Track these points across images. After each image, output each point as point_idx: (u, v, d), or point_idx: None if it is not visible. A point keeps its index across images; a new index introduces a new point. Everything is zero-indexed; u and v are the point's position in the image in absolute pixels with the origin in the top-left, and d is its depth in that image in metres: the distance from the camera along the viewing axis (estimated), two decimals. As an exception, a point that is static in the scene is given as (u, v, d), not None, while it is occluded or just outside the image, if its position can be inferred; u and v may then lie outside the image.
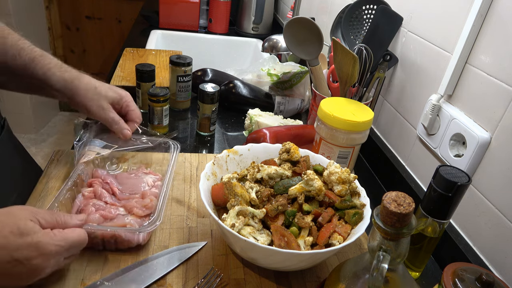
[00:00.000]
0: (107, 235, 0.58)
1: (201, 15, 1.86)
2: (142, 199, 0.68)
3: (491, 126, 0.63)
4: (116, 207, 0.65)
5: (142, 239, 0.61)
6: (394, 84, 0.93)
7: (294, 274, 0.62)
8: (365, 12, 0.97)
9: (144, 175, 0.76)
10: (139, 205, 0.65)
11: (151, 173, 0.77)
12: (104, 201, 0.66)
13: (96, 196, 0.67)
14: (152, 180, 0.74)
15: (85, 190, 0.67)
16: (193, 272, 0.60)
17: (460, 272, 0.45)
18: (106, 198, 0.67)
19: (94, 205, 0.64)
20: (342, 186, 0.63)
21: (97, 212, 0.62)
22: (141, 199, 0.68)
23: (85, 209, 0.63)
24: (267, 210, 0.60)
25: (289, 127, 0.91)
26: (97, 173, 0.73)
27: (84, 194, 0.67)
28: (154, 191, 0.70)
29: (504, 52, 0.61)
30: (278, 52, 1.39)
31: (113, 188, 0.70)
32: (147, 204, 0.65)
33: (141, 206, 0.65)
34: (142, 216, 0.64)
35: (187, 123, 1.06)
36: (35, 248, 0.48)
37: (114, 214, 0.63)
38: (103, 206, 0.65)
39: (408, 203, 0.41)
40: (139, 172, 0.76)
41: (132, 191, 0.71)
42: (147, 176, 0.75)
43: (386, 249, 0.42)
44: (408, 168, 0.86)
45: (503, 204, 0.60)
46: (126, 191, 0.71)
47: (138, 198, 0.68)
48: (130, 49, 1.39)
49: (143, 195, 0.68)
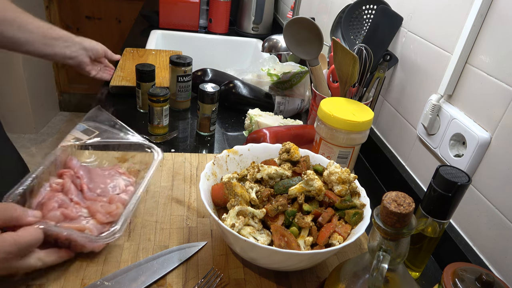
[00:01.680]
0: (62, 235, 0.55)
1: (201, 15, 1.86)
2: (109, 204, 0.64)
3: (491, 126, 0.63)
4: (80, 207, 0.62)
5: (98, 246, 0.59)
6: (394, 84, 0.93)
7: (294, 274, 0.62)
8: (365, 12, 0.97)
9: (118, 175, 0.72)
10: (104, 211, 0.62)
11: (125, 175, 0.74)
12: (69, 197, 0.63)
13: (63, 190, 0.64)
14: (124, 183, 0.71)
15: (54, 181, 0.64)
16: (193, 272, 0.60)
17: (460, 272, 0.45)
18: (72, 195, 0.63)
19: (58, 201, 0.61)
20: (342, 186, 0.63)
21: (59, 209, 0.60)
22: (107, 203, 0.64)
23: (48, 204, 0.60)
24: (267, 210, 0.60)
25: (289, 127, 0.91)
26: (71, 162, 0.69)
27: (52, 186, 0.64)
28: (123, 198, 0.66)
29: (504, 52, 0.61)
30: (278, 52, 1.39)
31: (83, 185, 0.66)
32: (112, 211, 0.62)
33: (105, 212, 0.62)
34: (104, 223, 0.61)
35: (187, 123, 1.06)
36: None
37: (76, 215, 0.60)
38: (67, 203, 0.62)
39: (408, 203, 0.41)
40: (114, 171, 0.73)
41: (101, 192, 0.67)
42: (121, 177, 0.72)
43: (386, 249, 0.42)
44: (408, 168, 0.86)
45: (503, 204, 0.60)
46: (95, 190, 0.67)
47: (104, 202, 0.65)
48: (130, 49, 1.38)
49: (110, 200, 0.65)
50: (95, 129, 0.75)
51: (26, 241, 0.50)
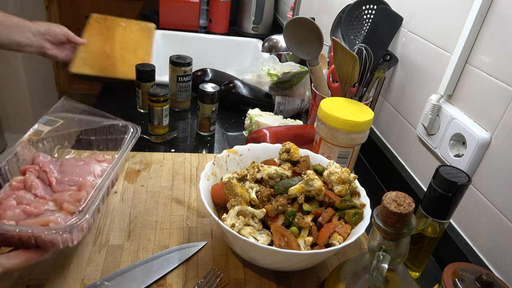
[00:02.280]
0: (24, 235, 0.47)
1: (201, 15, 1.86)
2: (78, 191, 0.58)
3: (491, 126, 0.63)
4: (46, 201, 0.56)
5: (71, 239, 0.50)
6: (394, 84, 0.93)
7: (294, 274, 0.62)
8: (365, 12, 0.97)
9: (96, 163, 0.65)
10: (72, 199, 0.55)
11: (105, 161, 0.66)
12: (33, 193, 0.56)
13: (26, 187, 0.57)
14: (100, 169, 0.63)
15: (14, 179, 0.58)
16: (193, 272, 0.60)
17: (460, 272, 0.45)
18: (36, 190, 0.57)
19: (18, 198, 0.54)
20: (342, 186, 0.63)
21: (19, 206, 0.53)
22: (77, 191, 0.58)
23: (4, 203, 0.53)
24: (267, 210, 0.60)
25: (289, 127, 0.91)
26: (38, 158, 0.63)
27: (12, 184, 0.57)
28: (94, 182, 0.59)
29: (504, 52, 0.61)
30: (278, 52, 1.39)
31: (50, 178, 0.59)
32: (81, 198, 0.55)
33: (74, 201, 0.55)
34: (74, 212, 0.54)
35: (187, 123, 1.06)
36: None
37: (40, 210, 0.54)
38: (29, 199, 0.55)
39: (408, 203, 0.41)
40: (91, 160, 0.66)
41: (72, 182, 0.60)
42: (97, 164, 0.64)
43: (386, 249, 0.42)
44: (408, 168, 0.86)
45: (503, 204, 0.60)
46: (65, 182, 0.60)
47: (74, 190, 0.58)
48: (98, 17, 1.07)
49: (80, 187, 0.58)
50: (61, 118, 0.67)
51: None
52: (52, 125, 0.65)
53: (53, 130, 0.65)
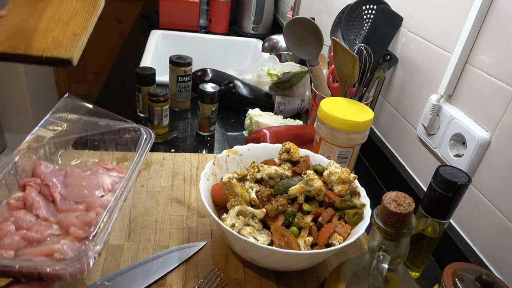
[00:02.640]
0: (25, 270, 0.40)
1: (201, 15, 1.86)
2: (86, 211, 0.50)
3: (491, 126, 0.63)
4: (50, 223, 0.48)
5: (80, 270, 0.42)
6: (394, 84, 0.93)
7: (294, 274, 0.62)
8: (365, 12, 0.97)
9: (104, 172, 0.58)
10: (80, 222, 0.48)
11: (115, 170, 0.59)
12: (35, 214, 0.49)
13: (26, 206, 0.49)
14: (110, 182, 0.56)
15: (12, 197, 0.50)
16: (193, 272, 0.60)
17: (460, 272, 0.45)
18: (38, 211, 0.49)
19: (17, 222, 0.47)
20: (342, 186, 0.63)
21: (18, 232, 0.45)
22: (85, 211, 0.50)
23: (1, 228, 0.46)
24: (267, 210, 0.60)
25: (289, 127, 0.91)
26: (39, 169, 0.55)
27: (10, 203, 0.49)
28: (105, 200, 0.51)
29: (504, 52, 0.61)
30: (278, 52, 1.39)
31: (53, 194, 0.52)
32: (90, 221, 0.48)
33: (82, 224, 0.48)
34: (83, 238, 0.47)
35: (187, 123, 1.06)
36: None
37: (43, 236, 0.46)
38: (31, 222, 0.48)
39: (408, 203, 0.41)
40: (98, 169, 0.58)
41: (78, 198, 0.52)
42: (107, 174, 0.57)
43: (386, 249, 0.42)
44: (408, 168, 0.86)
45: (503, 204, 0.60)
46: (71, 198, 0.53)
47: (81, 210, 0.50)
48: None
49: (89, 206, 0.51)
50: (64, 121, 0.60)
51: None
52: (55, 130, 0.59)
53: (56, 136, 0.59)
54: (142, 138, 0.60)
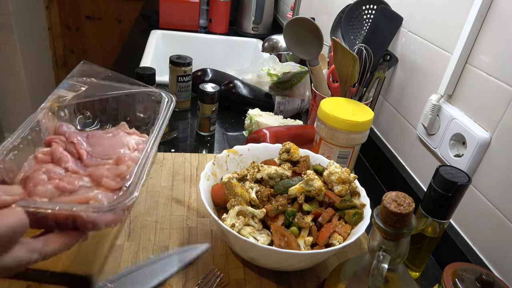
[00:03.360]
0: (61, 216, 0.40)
1: (201, 15, 1.86)
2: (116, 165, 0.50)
3: (491, 126, 0.63)
4: (80, 176, 0.48)
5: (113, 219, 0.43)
6: (394, 84, 0.93)
7: (294, 274, 0.62)
8: (365, 12, 0.97)
9: (126, 135, 0.58)
10: (112, 174, 0.48)
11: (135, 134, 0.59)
12: (64, 167, 0.48)
13: (54, 160, 0.49)
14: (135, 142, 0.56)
15: (40, 151, 0.50)
16: (193, 272, 0.60)
17: (460, 272, 0.45)
18: (67, 164, 0.49)
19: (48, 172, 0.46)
20: (342, 186, 0.63)
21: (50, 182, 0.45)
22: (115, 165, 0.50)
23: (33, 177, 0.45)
24: (267, 210, 0.60)
25: (289, 127, 0.91)
26: (61, 129, 0.55)
27: (37, 157, 0.49)
28: (135, 156, 0.52)
29: (504, 52, 0.61)
30: (278, 52, 1.39)
31: (79, 150, 0.52)
32: (122, 173, 0.48)
33: (114, 176, 0.48)
34: (115, 189, 0.47)
35: (187, 123, 1.06)
36: None
37: (75, 186, 0.46)
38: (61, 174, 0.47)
39: (408, 203, 0.41)
40: (119, 132, 0.58)
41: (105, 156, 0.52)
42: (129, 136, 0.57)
43: (386, 249, 0.42)
44: (408, 168, 0.86)
45: (503, 204, 0.60)
46: (97, 155, 0.52)
47: (111, 164, 0.50)
48: None
49: (118, 161, 0.51)
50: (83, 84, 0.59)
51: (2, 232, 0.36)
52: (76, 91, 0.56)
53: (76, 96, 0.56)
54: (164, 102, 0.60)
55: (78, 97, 0.57)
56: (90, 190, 0.46)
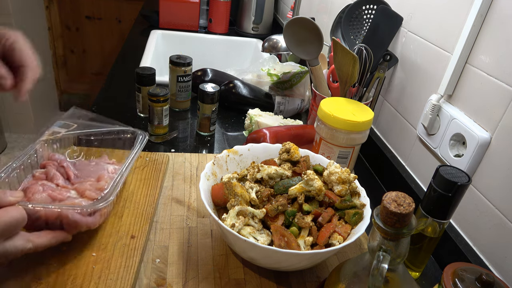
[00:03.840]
0: (51, 216, 0.53)
1: (201, 15, 1.85)
2: (97, 182, 0.63)
3: (491, 126, 0.63)
4: (68, 189, 0.60)
5: (93, 222, 0.56)
6: (394, 84, 0.93)
7: (294, 274, 0.62)
8: (365, 12, 0.97)
9: (106, 164, 0.71)
10: (93, 188, 0.61)
11: (114, 163, 0.72)
12: (55, 183, 0.61)
13: (48, 177, 0.62)
14: (113, 168, 0.70)
15: (37, 171, 0.63)
16: (193, 272, 0.60)
17: (460, 272, 0.45)
18: (58, 181, 0.61)
19: (43, 185, 0.59)
20: (342, 186, 0.63)
21: (45, 191, 0.58)
22: (96, 182, 0.63)
23: (31, 188, 0.57)
24: (267, 210, 0.60)
25: (289, 127, 0.91)
26: (54, 157, 0.68)
27: (35, 175, 0.62)
28: (112, 176, 0.65)
29: (504, 52, 0.61)
30: (278, 52, 1.39)
31: (68, 172, 0.64)
32: (102, 187, 0.61)
33: (95, 189, 0.60)
34: (95, 198, 0.59)
35: (187, 123, 1.06)
36: None
37: (64, 196, 0.58)
38: (53, 187, 0.60)
39: (408, 203, 0.41)
40: (101, 161, 0.72)
41: (88, 177, 0.66)
42: (109, 164, 0.71)
43: (386, 249, 0.42)
44: (408, 168, 0.86)
45: (503, 204, 0.60)
46: (82, 176, 0.66)
47: (93, 181, 0.64)
48: None
49: (99, 178, 0.64)
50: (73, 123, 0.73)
51: (6, 221, 0.47)
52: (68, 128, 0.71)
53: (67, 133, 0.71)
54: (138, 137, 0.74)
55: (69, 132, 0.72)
56: (75, 199, 0.59)
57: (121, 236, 0.62)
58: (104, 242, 0.60)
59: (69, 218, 0.53)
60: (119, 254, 0.59)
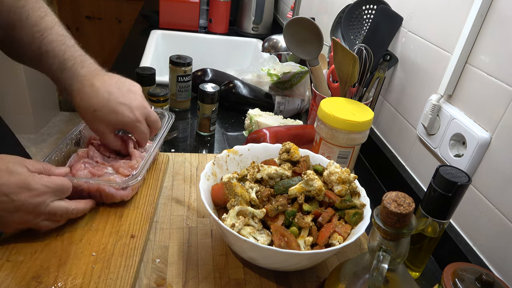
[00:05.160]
0: (92, 188, 0.65)
1: (201, 15, 1.85)
2: (129, 160, 0.72)
3: (491, 126, 0.63)
4: (105, 166, 0.71)
5: (126, 194, 0.67)
6: (394, 84, 0.93)
7: (294, 274, 0.62)
8: (365, 12, 0.97)
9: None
10: (126, 166, 0.70)
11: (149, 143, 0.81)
12: (95, 160, 0.71)
13: (88, 155, 0.72)
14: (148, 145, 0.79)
15: (80, 150, 0.73)
16: (193, 272, 0.60)
17: (460, 272, 0.45)
18: (97, 159, 0.72)
19: (85, 163, 0.69)
20: (342, 186, 0.63)
21: (86, 169, 0.68)
22: (129, 160, 0.72)
23: (75, 165, 0.68)
24: (267, 210, 0.60)
25: (289, 127, 0.91)
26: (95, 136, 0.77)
27: (78, 153, 0.73)
28: (142, 154, 0.74)
29: (504, 52, 0.61)
30: (278, 52, 1.40)
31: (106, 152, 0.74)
32: (133, 165, 0.70)
33: (127, 166, 0.70)
34: (127, 175, 0.68)
35: (187, 123, 1.06)
36: (22, 184, 0.53)
37: (102, 172, 0.68)
38: (93, 164, 0.70)
39: (408, 203, 0.41)
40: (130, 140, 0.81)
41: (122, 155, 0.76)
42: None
43: (386, 249, 0.42)
44: (408, 168, 0.86)
45: (503, 204, 0.60)
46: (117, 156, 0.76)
47: (126, 159, 0.73)
48: None
49: (131, 157, 0.73)
50: None
51: (57, 183, 0.57)
52: None
53: None
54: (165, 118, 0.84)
55: None
56: (111, 175, 0.68)
57: (121, 236, 0.62)
58: (104, 241, 0.61)
59: (106, 191, 0.65)
60: (119, 254, 0.59)
